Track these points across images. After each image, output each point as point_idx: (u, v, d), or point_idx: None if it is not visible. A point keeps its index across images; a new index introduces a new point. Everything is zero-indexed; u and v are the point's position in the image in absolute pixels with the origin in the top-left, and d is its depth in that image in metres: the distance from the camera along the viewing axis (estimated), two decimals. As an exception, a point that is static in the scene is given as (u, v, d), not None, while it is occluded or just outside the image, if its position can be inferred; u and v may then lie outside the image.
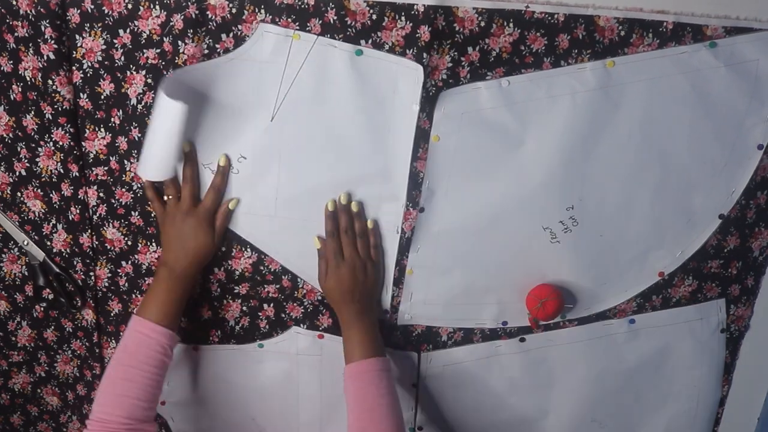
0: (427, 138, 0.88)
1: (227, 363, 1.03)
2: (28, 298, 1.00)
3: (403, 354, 1.02)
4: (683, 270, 0.96)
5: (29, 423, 1.11)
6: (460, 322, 0.99)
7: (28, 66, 0.85)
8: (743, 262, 0.97)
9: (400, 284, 0.96)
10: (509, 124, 0.87)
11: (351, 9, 0.81)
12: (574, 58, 0.84)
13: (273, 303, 0.98)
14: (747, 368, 1.03)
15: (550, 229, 0.93)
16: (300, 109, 0.86)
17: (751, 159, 0.90)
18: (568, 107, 0.86)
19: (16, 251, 0.97)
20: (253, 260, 0.95)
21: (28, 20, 0.83)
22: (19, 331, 1.03)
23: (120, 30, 0.83)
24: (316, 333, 1.00)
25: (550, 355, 1.01)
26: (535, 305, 0.93)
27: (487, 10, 0.81)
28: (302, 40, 0.83)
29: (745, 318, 1.01)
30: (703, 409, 1.06)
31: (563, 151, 0.88)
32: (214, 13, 0.82)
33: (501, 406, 1.05)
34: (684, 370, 1.03)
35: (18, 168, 0.92)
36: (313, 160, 0.89)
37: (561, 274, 0.95)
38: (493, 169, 0.90)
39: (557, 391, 1.03)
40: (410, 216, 0.92)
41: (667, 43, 0.84)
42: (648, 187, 0.91)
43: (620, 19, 0.82)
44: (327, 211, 0.90)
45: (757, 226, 0.95)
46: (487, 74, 0.85)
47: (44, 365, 1.05)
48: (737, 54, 0.84)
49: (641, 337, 1.00)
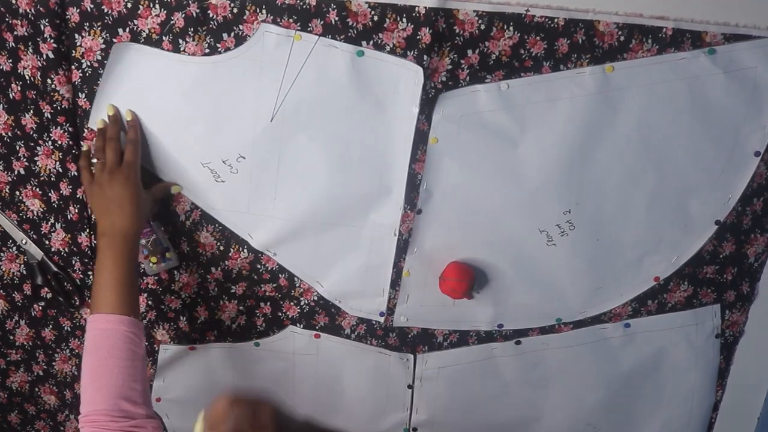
0: (426, 140, 0.88)
1: (223, 361, 1.03)
2: (27, 297, 1.00)
3: (398, 355, 1.02)
4: (679, 275, 0.96)
5: (27, 422, 1.11)
6: (456, 324, 1.00)
7: (27, 65, 0.85)
8: (739, 268, 0.97)
9: (396, 286, 0.97)
10: (508, 127, 0.87)
11: (352, 10, 0.82)
12: (574, 63, 0.84)
13: (269, 302, 0.99)
14: (741, 373, 1.04)
15: (547, 232, 0.93)
16: (300, 110, 0.86)
17: (747, 166, 0.90)
18: (566, 111, 0.86)
19: (15, 250, 0.97)
20: (250, 259, 0.95)
21: (28, 19, 0.82)
22: (17, 329, 1.02)
23: (119, 29, 0.83)
24: (313, 332, 1.00)
25: (545, 358, 1.01)
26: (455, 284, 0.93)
27: (487, 14, 0.82)
28: (303, 41, 0.83)
29: (740, 324, 1.01)
30: (697, 414, 1.06)
31: (561, 155, 0.88)
32: (216, 12, 0.82)
33: (496, 409, 1.05)
34: (678, 375, 1.03)
35: (17, 167, 0.92)
36: (312, 161, 0.89)
37: (557, 277, 0.96)
38: (491, 172, 0.90)
39: (552, 394, 1.04)
40: (408, 218, 0.92)
41: (666, 49, 0.84)
42: (645, 192, 0.91)
43: (620, 25, 0.82)
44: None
45: (752, 233, 0.95)
46: (487, 77, 0.85)
47: (42, 364, 1.05)
48: (736, 61, 0.84)
49: (636, 342, 1.00)
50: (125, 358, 0.80)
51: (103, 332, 0.82)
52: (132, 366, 0.81)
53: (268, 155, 0.89)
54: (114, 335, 0.81)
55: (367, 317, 0.99)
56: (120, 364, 0.80)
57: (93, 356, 0.81)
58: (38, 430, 1.11)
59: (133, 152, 0.86)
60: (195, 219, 0.93)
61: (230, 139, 0.88)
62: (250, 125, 0.87)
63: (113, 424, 0.78)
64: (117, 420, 0.78)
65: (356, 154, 0.89)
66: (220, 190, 0.91)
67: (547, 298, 0.97)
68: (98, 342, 0.81)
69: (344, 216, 0.92)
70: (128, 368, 0.80)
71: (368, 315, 0.99)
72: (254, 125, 0.87)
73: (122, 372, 0.80)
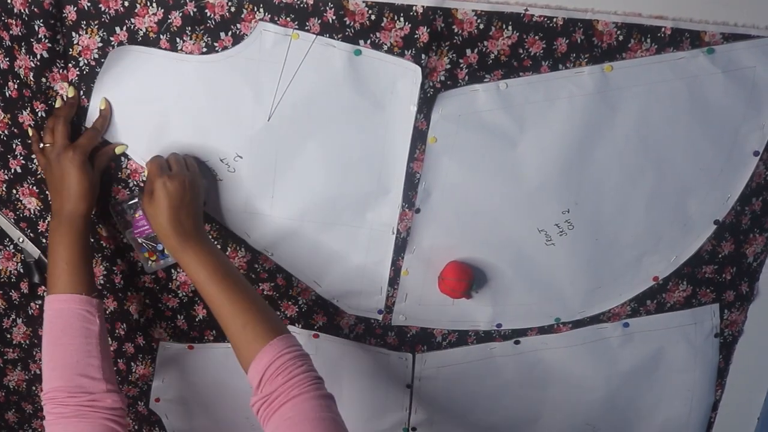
0: (424, 139, 0.88)
1: (222, 361, 1.03)
2: (24, 296, 1.00)
3: (397, 355, 1.02)
4: (678, 275, 0.96)
5: (24, 420, 1.11)
6: (455, 323, 0.99)
7: (22, 65, 0.85)
8: (738, 268, 0.97)
9: (395, 285, 0.96)
10: (506, 127, 0.87)
11: (350, 9, 0.81)
12: (573, 62, 0.84)
13: (267, 302, 0.98)
14: (741, 373, 1.04)
15: (546, 231, 0.93)
16: (297, 109, 0.86)
17: (746, 165, 0.90)
18: (565, 111, 0.86)
19: (12, 248, 0.97)
20: (247, 258, 0.95)
21: (22, 19, 0.82)
22: (14, 328, 1.02)
23: (117, 27, 0.83)
24: (311, 332, 1.00)
25: (544, 358, 1.01)
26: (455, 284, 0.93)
27: (486, 13, 0.81)
28: (301, 40, 0.83)
29: (739, 323, 1.01)
30: (696, 413, 1.06)
31: (560, 155, 0.88)
32: (213, 11, 0.82)
33: (495, 408, 1.05)
34: (677, 374, 1.03)
35: (13, 165, 0.92)
36: (309, 160, 0.89)
37: (556, 277, 0.96)
38: (490, 172, 0.90)
39: (551, 394, 1.04)
40: (406, 217, 0.92)
41: (665, 49, 0.84)
42: (644, 192, 0.91)
43: (619, 24, 0.82)
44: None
45: (751, 233, 0.95)
46: (485, 77, 0.85)
47: (39, 363, 1.05)
48: (734, 60, 0.84)
49: (635, 341, 1.00)
50: (79, 335, 0.82)
51: (57, 312, 0.83)
52: (87, 343, 0.82)
53: (265, 154, 0.89)
54: (66, 314, 0.82)
55: (366, 316, 0.99)
56: (75, 341, 0.81)
57: (48, 336, 0.82)
58: (35, 428, 1.11)
59: (88, 137, 0.86)
60: (193, 218, 0.93)
61: (228, 138, 0.88)
62: (247, 124, 0.87)
63: (71, 399, 0.79)
64: (75, 395, 0.79)
65: (354, 153, 0.89)
66: (218, 189, 0.91)
67: (546, 298, 0.97)
68: (52, 321, 0.83)
69: (342, 215, 0.92)
70: (83, 345, 0.81)
71: (366, 313, 0.99)
72: (252, 124, 0.87)
73: (78, 349, 0.81)
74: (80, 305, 0.83)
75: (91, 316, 0.83)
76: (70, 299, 0.83)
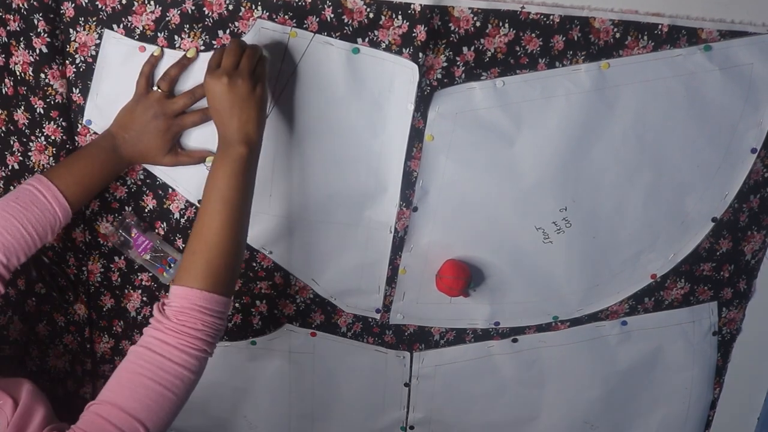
0: (422, 137, 0.88)
1: (219, 360, 1.02)
2: (20, 293, 1.00)
3: (395, 353, 1.02)
4: (675, 273, 0.96)
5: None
6: (453, 322, 0.99)
7: (19, 60, 0.85)
8: (735, 266, 0.97)
9: (393, 283, 0.96)
10: (503, 125, 0.87)
11: (348, 7, 0.81)
12: (569, 60, 0.84)
13: (265, 300, 0.98)
14: (739, 371, 1.04)
15: (543, 229, 0.93)
16: (295, 107, 0.86)
17: (744, 162, 0.90)
18: (562, 108, 0.86)
19: (9, 245, 0.97)
20: (246, 257, 0.95)
21: (20, 14, 0.82)
22: (11, 325, 1.02)
23: (114, 25, 0.83)
24: (309, 331, 1.00)
25: (542, 356, 1.01)
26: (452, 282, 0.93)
27: (482, 11, 0.81)
28: (299, 38, 0.83)
29: (737, 321, 1.01)
30: (695, 411, 1.06)
31: (557, 152, 0.88)
32: (211, 9, 0.82)
33: (493, 407, 1.05)
34: (675, 372, 1.03)
35: (10, 162, 0.92)
36: (307, 158, 0.89)
37: (553, 275, 0.96)
38: (487, 170, 0.90)
39: (549, 392, 1.04)
40: (403, 215, 0.92)
41: (662, 46, 0.84)
42: (641, 190, 0.91)
43: (615, 21, 0.82)
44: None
45: (749, 230, 0.95)
46: (482, 74, 0.85)
47: (36, 360, 1.05)
48: (732, 57, 0.84)
49: (633, 339, 1.00)
50: (29, 220, 0.79)
51: (29, 189, 0.80)
52: (25, 226, 0.79)
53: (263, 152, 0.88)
54: (36, 200, 0.80)
55: (363, 314, 0.99)
56: (15, 219, 0.79)
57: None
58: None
59: (184, 105, 0.84)
60: (190, 216, 0.93)
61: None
62: (245, 122, 0.87)
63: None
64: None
65: (352, 151, 0.89)
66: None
67: (544, 296, 0.97)
68: (17, 195, 0.81)
69: (340, 213, 0.92)
70: (19, 224, 0.78)
71: (364, 312, 0.99)
72: (249, 122, 0.87)
73: (10, 226, 0.78)
74: (56, 205, 0.81)
75: (54, 218, 0.81)
76: (54, 194, 0.81)
